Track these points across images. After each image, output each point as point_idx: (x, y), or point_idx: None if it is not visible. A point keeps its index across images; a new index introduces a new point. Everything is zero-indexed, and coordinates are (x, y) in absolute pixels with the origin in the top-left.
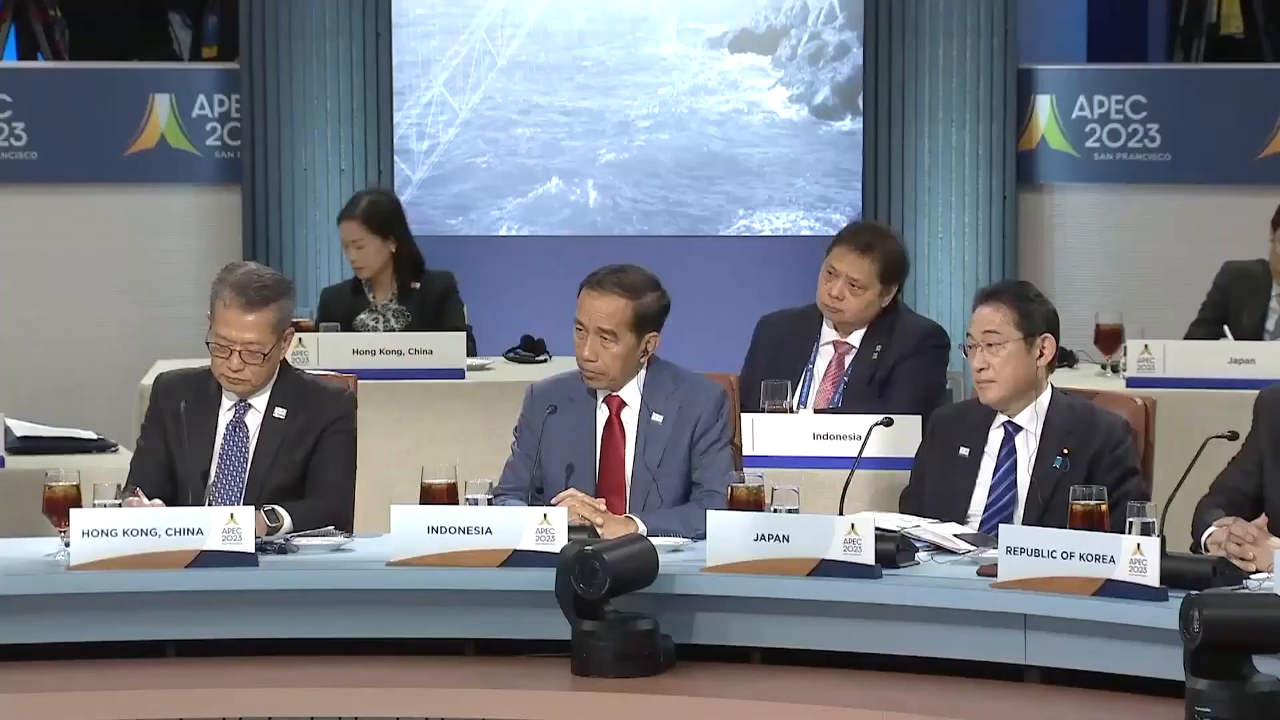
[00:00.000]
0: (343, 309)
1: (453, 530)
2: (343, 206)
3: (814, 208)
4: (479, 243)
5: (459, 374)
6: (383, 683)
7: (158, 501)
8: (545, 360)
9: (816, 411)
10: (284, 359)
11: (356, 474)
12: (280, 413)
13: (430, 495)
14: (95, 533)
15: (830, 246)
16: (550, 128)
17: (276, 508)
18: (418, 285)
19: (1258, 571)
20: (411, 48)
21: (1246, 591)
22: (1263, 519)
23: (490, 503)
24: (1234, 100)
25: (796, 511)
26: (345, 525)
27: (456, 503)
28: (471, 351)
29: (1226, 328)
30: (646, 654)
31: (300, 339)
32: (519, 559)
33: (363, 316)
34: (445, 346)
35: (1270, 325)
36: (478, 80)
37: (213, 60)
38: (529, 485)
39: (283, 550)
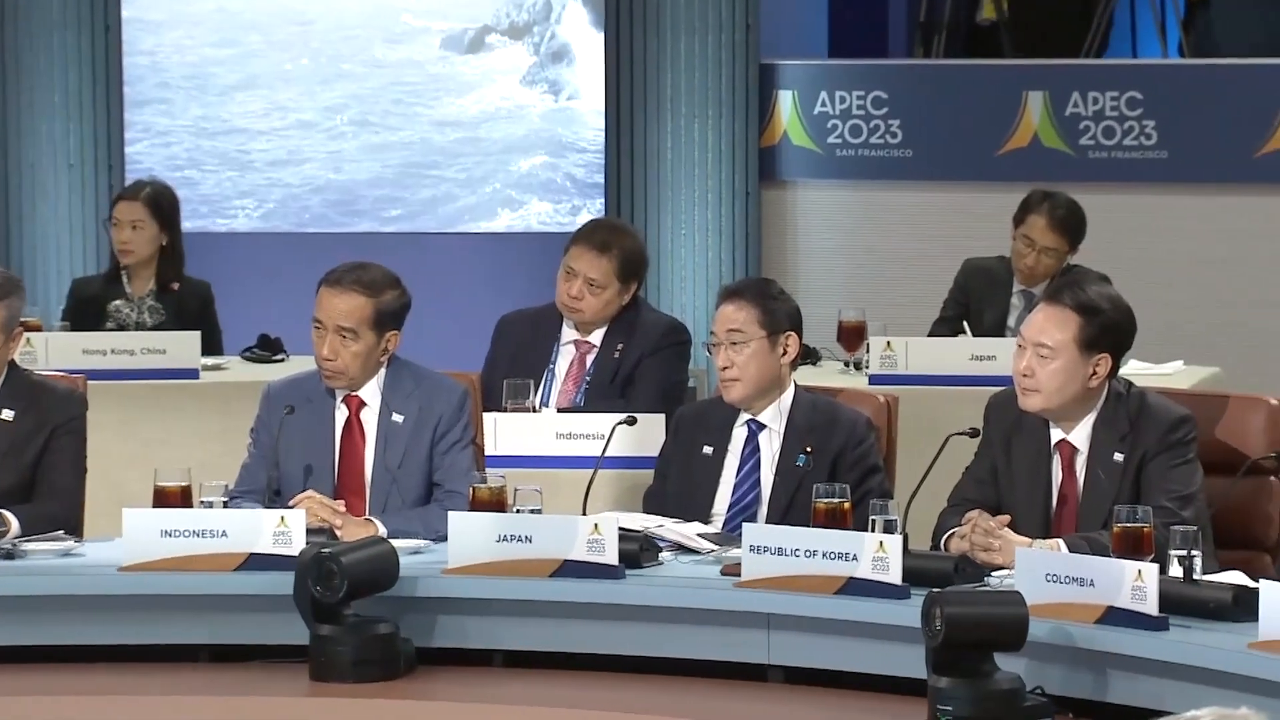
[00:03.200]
0: (95, 298)
1: (187, 534)
2: (121, 191)
3: (557, 204)
4: (213, 239)
5: (193, 374)
6: (114, 690)
7: None
8: (283, 359)
9: (559, 411)
10: (12, 359)
11: (87, 476)
12: (8, 414)
13: (163, 498)
14: None
15: (567, 245)
16: (286, 123)
17: (3, 511)
18: (176, 287)
19: (1000, 568)
20: (142, 41)
21: (988, 589)
22: (1005, 517)
23: (226, 505)
24: (975, 95)
25: (539, 512)
26: (75, 529)
27: (190, 505)
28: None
29: (966, 324)
30: (385, 658)
31: (28, 339)
32: (255, 562)
33: (118, 303)
34: (178, 346)
35: (1011, 322)
36: (211, 75)
37: None
38: (266, 487)
39: (10, 555)
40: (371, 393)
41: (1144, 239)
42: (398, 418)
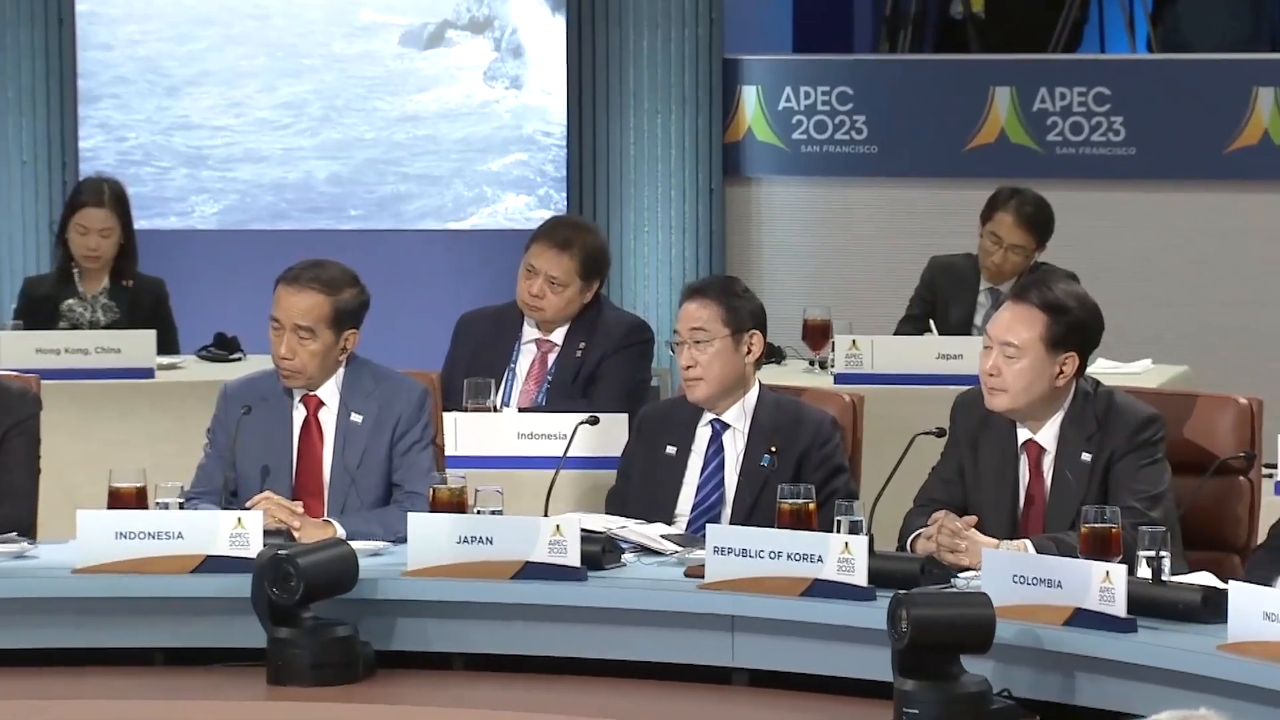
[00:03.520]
0: (48, 296)
1: (142, 535)
2: (79, 194)
3: (518, 201)
4: (169, 237)
5: (148, 373)
6: (68, 694)
7: None
8: (239, 358)
9: (520, 410)
10: None
11: (40, 477)
12: None
13: (118, 499)
14: None
15: (528, 243)
16: (244, 119)
17: None
18: (129, 284)
19: (966, 569)
20: (97, 35)
21: (954, 590)
22: (972, 517)
23: (182, 506)
24: (941, 91)
25: (500, 513)
26: (28, 531)
27: (146, 507)
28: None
29: (932, 323)
30: (344, 661)
31: None
32: (212, 564)
33: (71, 302)
34: (133, 345)
35: (978, 320)
36: (167, 70)
37: None
38: (222, 488)
39: None
40: (330, 392)
41: (1112, 236)
42: (356, 417)
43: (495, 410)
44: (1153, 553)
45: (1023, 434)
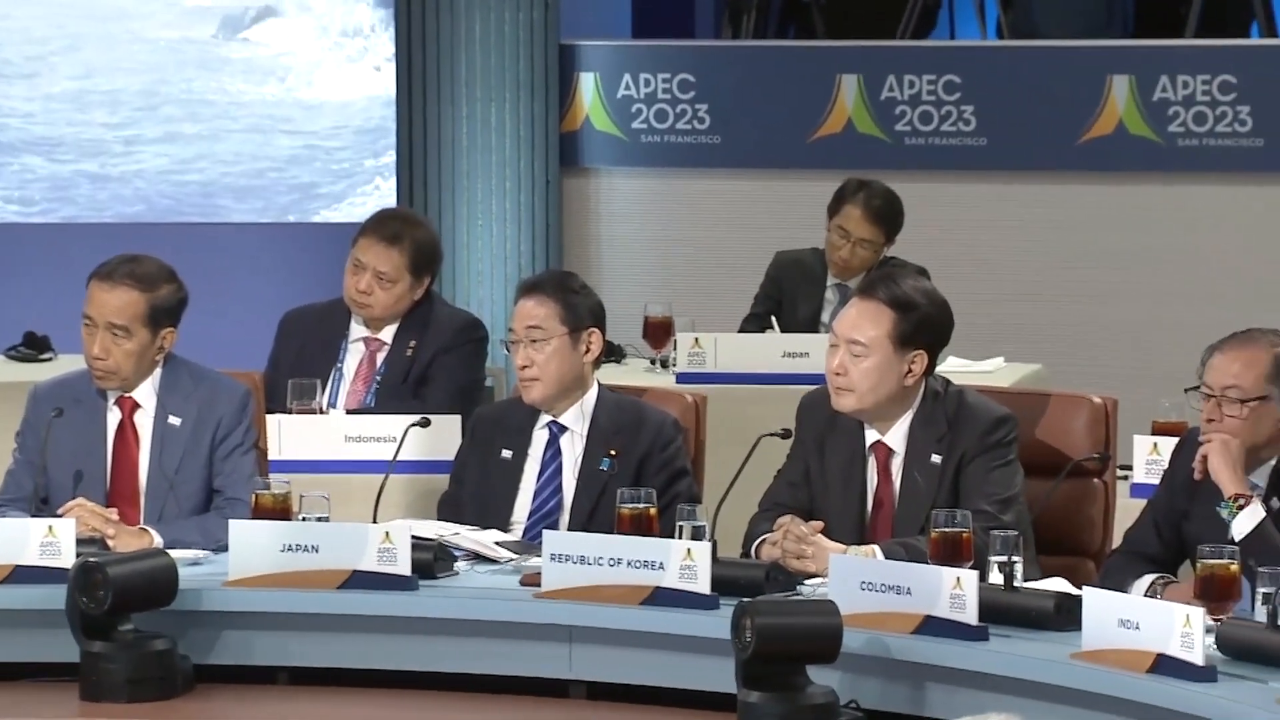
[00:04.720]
0: None
1: None
2: None
3: (345, 193)
4: None
5: None
6: None
7: None
8: (50, 359)
9: (348, 412)
10: None
11: None
12: None
13: None
14: None
15: (355, 237)
16: (53, 106)
17: None
18: None
19: (813, 576)
20: None
21: (800, 598)
22: (818, 523)
23: None
24: (786, 79)
25: (326, 520)
26: None
27: None
28: None
29: (775, 320)
30: (161, 676)
31: None
32: (22, 575)
33: None
34: None
35: (826, 317)
36: None
37: None
38: (32, 495)
39: None
40: (146, 394)
41: (963, 230)
42: (175, 420)
43: (321, 412)
44: (1005, 558)
45: (871, 435)
